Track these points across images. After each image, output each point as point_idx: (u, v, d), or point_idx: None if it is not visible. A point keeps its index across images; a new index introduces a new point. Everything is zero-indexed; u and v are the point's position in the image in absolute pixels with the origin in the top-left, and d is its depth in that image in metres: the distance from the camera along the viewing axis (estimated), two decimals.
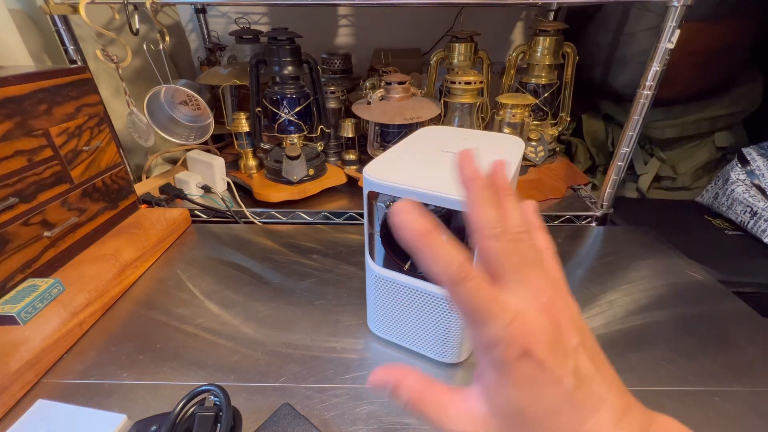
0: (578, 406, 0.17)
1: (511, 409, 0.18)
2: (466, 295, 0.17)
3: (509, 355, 0.17)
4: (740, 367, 0.42)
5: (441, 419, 0.19)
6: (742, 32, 0.80)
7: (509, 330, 0.17)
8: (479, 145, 0.42)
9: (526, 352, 0.17)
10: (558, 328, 0.18)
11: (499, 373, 0.18)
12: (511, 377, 0.17)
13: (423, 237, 0.17)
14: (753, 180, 0.78)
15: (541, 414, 0.17)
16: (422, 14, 1.15)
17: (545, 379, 0.17)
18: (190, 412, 0.30)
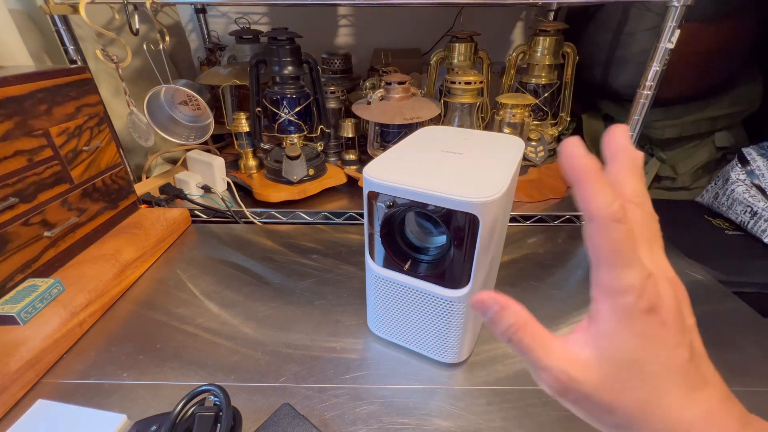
0: (688, 377, 0.18)
1: (624, 359, 0.18)
2: (616, 235, 0.17)
3: (640, 305, 0.17)
4: (740, 367, 0.42)
5: (540, 353, 0.19)
6: (742, 32, 0.80)
7: (645, 282, 0.17)
8: (479, 145, 0.42)
9: (653, 309, 0.17)
10: (679, 303, 0.19)
11: (622, 321, 0.18)
12: (634, 327, 0.17)
13: (591, 172, 0.18)
14: (753, 180, 0.78)
15: (652, 371, 0.18)
16: (422, 14, 1.15)
17: (665, 341, 0.18)
18: (190, 412, 0.30)
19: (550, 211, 0.75)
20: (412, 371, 0.42)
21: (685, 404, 0.17)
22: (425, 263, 0.38)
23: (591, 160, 0.18)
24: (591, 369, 0.18)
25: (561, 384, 0.19)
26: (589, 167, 0.18)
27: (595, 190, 0.17)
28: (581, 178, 0.18)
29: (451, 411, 0.38)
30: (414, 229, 0.39)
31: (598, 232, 0.18)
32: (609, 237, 0.17)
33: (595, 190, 0.17)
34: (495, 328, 0.20)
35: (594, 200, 0.17)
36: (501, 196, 0.32)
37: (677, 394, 0.18)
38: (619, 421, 0.18)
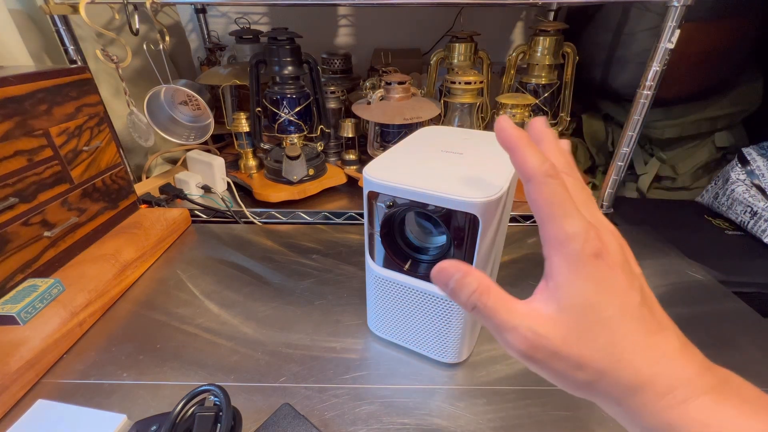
0: (645, 321, 0.18)
1: (583, 304, 0.18)
2: (552, 189, 0.19)
3: (586, 249, 0.18)
4: (740, 367, 0.42)
5: (505, 315, 0.19)
6: (742, 32, 0.80)
7: (588, 229, 0.18)
8: (479, 145, 0.42)
9: (599, 253, 0.18)
10: (624, 251, 0.19)
11: (572, 268, 0.18)
12: (584, 272, 0.18)
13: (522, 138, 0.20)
14: (753, 180, 0.78)
15: (610, 315, 0.18)
16: (422, 14, 1.15)
17: (616, 284, 0.18)
18: (190, 412, 0.30)
19: None
20: (412, 371, 0.42)
21: (648, 348, 0.18)
22: (425, 263, 0.38)
23: (521, 131, 0.20)
24: (555, 322, 0.18)
25: (529, 342, 0.19)
26: (520, 135, 0.20)
27: (527, 153, 0.20)
28: (514, 144, 0.20)
29: (451, 411, 0.38)
30: (414, 229, 0.39)
31: (537, 189, 0.19)
32: (546, 192, 0.19)
33: (527, 154, 0.19)
34: (459, 295, 0.20)
35: (528, 162, 0.19)
36: (501, 196, 0.32)
37: (637, 337, 0.18)
38: (589, 377, 0.18)
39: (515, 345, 0.19)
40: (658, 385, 0.17)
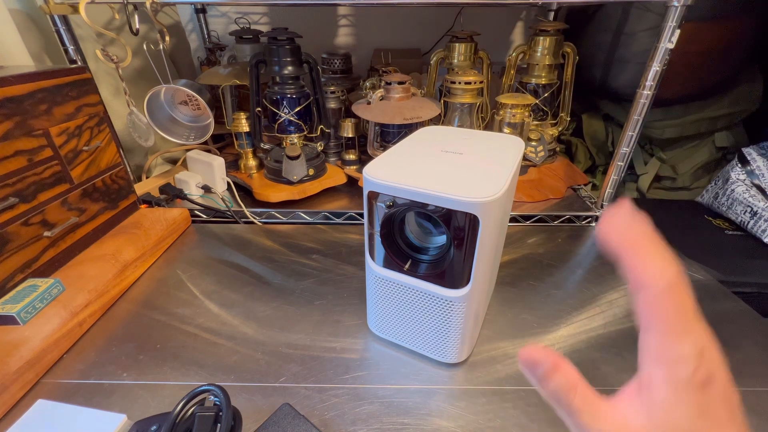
0: None
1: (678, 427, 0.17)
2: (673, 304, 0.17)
3: (697, 377, 0.17)
4: (740, 367, 0.42)
5: (589, 418, 0.19)
6: (742, 32, 0.80)
7: (702, 354, 0.17)
8: (479, 145, 0.42)
9: (710, 381, 0.17)
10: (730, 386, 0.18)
11: (677, 392, 0.17)
12: (690, 399, 0.17)
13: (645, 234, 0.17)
14: (753, 180, 0.78)
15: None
16: (422, 14, 1.15)
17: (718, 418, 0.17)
18: (190, 412, 0.30)
19: (550, 211, 0.75)
20: (412, 371, 0.42)
21: None
22: (425, 263, 0.38)
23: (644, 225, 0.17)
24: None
25: None
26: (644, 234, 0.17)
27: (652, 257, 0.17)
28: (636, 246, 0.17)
29: (451, 411, 0.38)
30: (414, 229, 0.39)
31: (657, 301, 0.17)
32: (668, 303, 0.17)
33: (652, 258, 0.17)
34: (543, 386, 0.20)
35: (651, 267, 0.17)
36: (501, 196, 0.32)
37: None
38: None
39: None
40: None
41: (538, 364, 0.20)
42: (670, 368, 0.17)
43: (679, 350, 0.17)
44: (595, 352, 0.44)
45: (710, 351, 0.17)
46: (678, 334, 0.17)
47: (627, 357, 0.43)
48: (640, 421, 0.18)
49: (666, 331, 0.17)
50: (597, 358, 0.43)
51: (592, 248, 0.65)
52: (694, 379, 0.17)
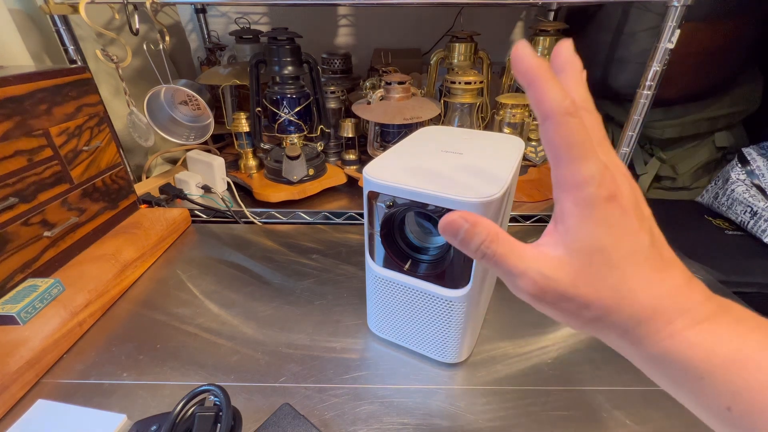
0: (652, 260, 0.18)
1: (593, 247, 0.18)
2: (570, 129, 0.18)
3: (600, 193, 0.18)
4: None
5: (515, 260, 0.20)
6: (742, 32, 0.80)
7: (603, 172, 0.18)
8: (479, 145, 0.42)
9: (613, 196, 0.18)
10: (635, 194, 0.19)
11: (585, 212, 0.18)
12: (597, 215, 0.18)
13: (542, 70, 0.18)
14: (753, 180, 0.78)
15: (619, 256, 0.18)
16: (422, 14, 1.15)
17: (627, 226, 0.18)
18: (190, 412, 0.30)
19: (550, 211, 0.75)
20: (412, 371, 0.42)
21: (652, 284, 0.18)
22: (425, 263, 0.38)
23: (542, 61, 0.18)
24: (564, 265, 0.19)
25: (538, 286, 0.19)
26: (541, 66, 0.18)
27: (548, 88, 0.18)
28: (533, 77, 0.18)
29: (451, 411, 0.38)
30: (414, 229, 0.39)
31: (555, 128, 0.18)
32: (565, 131, 0.18)
33: (548, 89, 0.18)
34: (468, 245, 0.21)
35: (548, 98, 0.18)
36: (501, 196, 0.32)
37: (644, 275, 0.18)
38: (595, 314, 0.19)
39: (525, 288, 0.20)
40: (660, 317, 0.18)
41: (458, 226, 0.20)
42: (575, 192, 0.18)
43: (582, 173, 0.18)
44: (595, 352, 0.44)
45: (613, 168, 0.19)
46: (579, 159, 0.18)
47: None
48: (559, 251, 0.19)
49: (569, 157, 0.18)
50: (597, 358, 0.43)
51: None
52: (597, 196, 0.18)
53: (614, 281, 0.18)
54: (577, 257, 0.19)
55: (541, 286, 0.19)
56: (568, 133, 0.18)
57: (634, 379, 0.41)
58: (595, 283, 0.18)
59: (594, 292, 0.18)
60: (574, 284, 0.19)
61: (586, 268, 0.19)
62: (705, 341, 0.17)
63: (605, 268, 0.18)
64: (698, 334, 0.18)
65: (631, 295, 0.18)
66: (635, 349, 0.19)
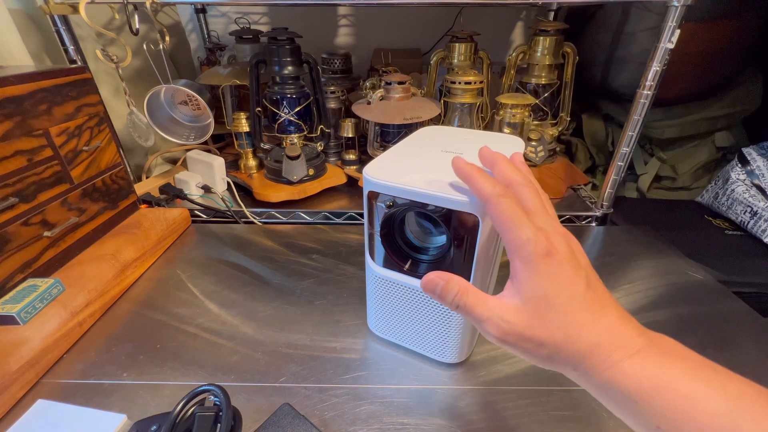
0: (589, 302, 0.22)
1: (539, 295, 0.22)
2: (505, 207, 0.24)
3: (538, 250, 0.22)
4: (740, 367, 0.42)
5: (482, 308, 0.24)
6: (741, 32, 0.80)
7: (537, 234, 0.23)
8: (479, 145, 0.42)
9: (549, 253, 0.23)
10: (572, 249, 0.24)
11: (529, 266, 0.23)
12: (539, 269, 0.22)
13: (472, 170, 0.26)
14: (753, 180, 0.78)
15: (561, 302, 0.22)
16: (422, 14, 1.15)
17: (564, 276, 0.22)
18: (190, 412, 0.30)
19: None
20: (412, 371, 0.42)
21: (591, 323, 0.22)
22: (425, 263, 0.38)
23: (471, 164, 0.26)
24: (520, 312, 0.23)
25: (501, 329, 0.23)
26: (471, 168, 0.26)
27: (479, 181, 0.25)
28: (468, 176, 0.26)
29: (451, 411, 0.38)
30: (414, 229, 0.39)
31: (492, 208, 0.24)
32: (500, 209, 0.24)
33: (480, 181, 0.25)
34: (445, 298, 0.25)
35: (482, 188, 0.24)
36: None
37: (583, 316, 0.22)
38: (549, 352, 0.23)
39: (491, 332, 0.24)
40: (600, 352, 0.21)
41: (435, 283, 0.25)
42: (519, 253, 0.23)
43: (520, 237, 0.23)
44: None
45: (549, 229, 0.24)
46: (515, 228, 0.23)
47: None
48: (515, 300, 0.24)
49: (507, 228, 0.24)
50: None
51: (592, 248, 0.65)
52: (536, 253, 0.23)
53: (559, 322, 0.22)
54: (528, 304, 0.23)
55: (503, 329, 0.23)
56: (502, 210, 0.24)
57: None
58: (545, 324, 0.22)
59: (545, 332, 0.22)
60: (530, 326, 0.23)
61: (537, 313, 0.22)
62: (636, 371, 0.21)
63: (551, 312, 0.22)
64: (631, 365, 0.21)
65: (575, 333, 0.22)
66: (586, 379, 0.23)
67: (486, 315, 0.24)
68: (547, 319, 0.22)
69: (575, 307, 0.22)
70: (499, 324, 0.23)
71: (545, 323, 0.22)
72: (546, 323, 0.22)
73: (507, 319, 0.23)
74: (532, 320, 0.23)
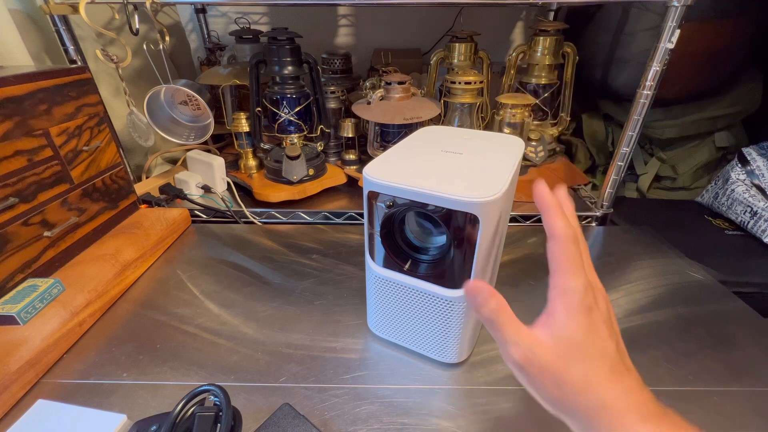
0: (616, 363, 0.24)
1: (573, 341, 0.24)
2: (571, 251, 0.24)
3: (583, 303, 0.24)
4: (740, 367, 0.42)
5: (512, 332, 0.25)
6: (742, 32, 0.80)
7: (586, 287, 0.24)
8: (479, 145, 0.42)
9: (590, 309, 0.24)
10: (609, 311, 0.26)
11: (569, 312, 0.24)
12: (578, 319, 0.24)
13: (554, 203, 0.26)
14: (753, 180, 0.78)
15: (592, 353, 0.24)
16: (422, 14, 1.15)
17: (600, 333, 0.24)
18: (190, 412, 0.30)
19: None
20: (412, 371, 0.42)
21: (613, 382, 0.23)
22: (425, 263, 0.38)
23: (554, 197, 0.26)
24: (549, 347, 0.24)
25: (526, 357, 0.24)
26: (554, 200, 0.26)
27: (557, 216, 0.25)
28: (547, 207, 0.26)
29: (451, 411, 0.38)
30: (414, 229, 0.39)
31: (558, 247, 0.25)
32: (565, 251, 0.25)
33: (558, 217, 0.25)
34: (481, 309, 0.26)
35: (557, 224, 0.25)
36: (501, 196, 0.32)
37: (607, 373, 0.23)
38: (563, 395, 0.24)
39: (515, 356, 0.25)
40: (614, 411, 0.22)
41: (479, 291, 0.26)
42: (564, 298, 0.24)
43: (571, 285, 0.24)
44: None
45: (594, 287, 0.25)
46: (571, 274, 0.24)
47: None
48: (546, 336, 0.24)
49: (563, 271, 0.25)
50: None
51: (592, 248, 0.65)
52: (581, 305, 0.24)
53: (585, 370, 0.23)
54: (560, 344, 0.24)
55: (528, 358, 0.24)
56: (567, 252, 0.24)
57: None
58: (569, 367, 0.23)
59: (567, 375, 0.23)
60: (555, 364, 0.24)
61: (565, 355, 0.24)
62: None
63: (579, 359, 0.23)
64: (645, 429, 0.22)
65: (596, 384, 0.23)
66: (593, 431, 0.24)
67: (515, 339, 0.25)
68: (573, 364, 0.23)
69: (603, 362, 0.23)
70: (525, 351, 0.24)
71: (570, 366, 0.23)
72: (571, 366, 0.23)
73: (535, 350, 0.24)
74: (559, 359, 0.24)
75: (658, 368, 0.42)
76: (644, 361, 0.43)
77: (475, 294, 0.26)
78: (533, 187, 0.27)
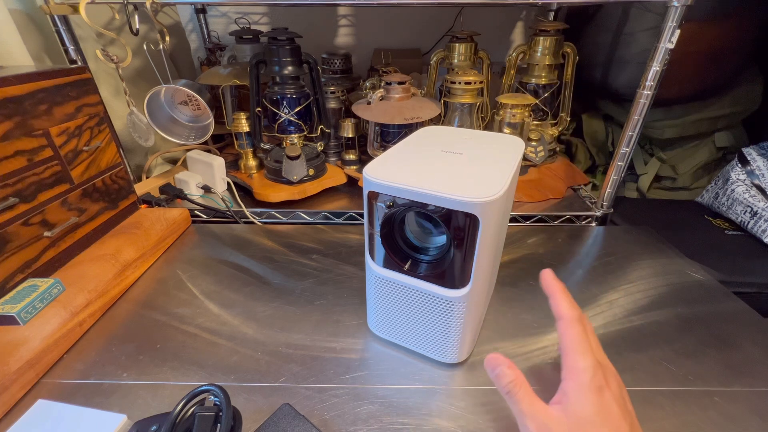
0: None
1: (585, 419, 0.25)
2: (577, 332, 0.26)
3: (593, 382, 0.25)
4: (740, 367, 0.42)
5: (528, 406, 0.27)
6: (742, 32, 0.80)
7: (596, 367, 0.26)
8: (479, 145, 0.42)
9: (602, 389, 0.25)
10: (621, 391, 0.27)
11: (580, 392, 0.26)
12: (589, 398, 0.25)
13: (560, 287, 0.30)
14: (753, 180, 0.78)
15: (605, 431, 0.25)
16: (422, 14, 1.15)
17: (613, 413, 0.25)
18: (190, 412, 0.30)
19: (550, 211, 0.75)
20: (412, 371, 0.42)
21: None
22: (425, 263, 0.38)
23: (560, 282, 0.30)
24: (562, 422, 0.25)
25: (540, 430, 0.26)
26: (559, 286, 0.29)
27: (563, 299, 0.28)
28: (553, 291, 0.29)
29: (451, 411, 0.38)
30: (414, 229, 0.39)
31: (567, 328, 0.27)
32: (572, 331, 0.27)
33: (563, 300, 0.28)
34: (499, 381, 0.28)
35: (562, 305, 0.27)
36: (501, 196, 0.32)
37: None
38: None
39: (531, 428, 0.26)
40: None
41: (499, 364, 0.28)
42: (576, 377, 0.26)
43: (581, 365, 0.26)
44: None
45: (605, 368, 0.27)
46: (580, 354, 0.26)
47: (628, 357, 0.43)
48: (560, 413, 0.26)
49: (572, 351, 0.26)
50: None
51: (592, 248, 0.65)
52: (591, 384, 0.25)
53: None
54: (572, 420, 0.25)
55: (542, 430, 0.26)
56: (573, 332, 0.26)
57: (633, 379, 0.41)
58: None
59: None
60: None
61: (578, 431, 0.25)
62: None
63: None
64: None
65: None
66: None
67: (530, 412, 0.26)
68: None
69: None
70: (539, 425, 0.26)
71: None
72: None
73: (549, 425, 0.25)
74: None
75: (658, 368, 0.42)
76: (644, 361, 0.43)
77: (494, 366, 0.28)
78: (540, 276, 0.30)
